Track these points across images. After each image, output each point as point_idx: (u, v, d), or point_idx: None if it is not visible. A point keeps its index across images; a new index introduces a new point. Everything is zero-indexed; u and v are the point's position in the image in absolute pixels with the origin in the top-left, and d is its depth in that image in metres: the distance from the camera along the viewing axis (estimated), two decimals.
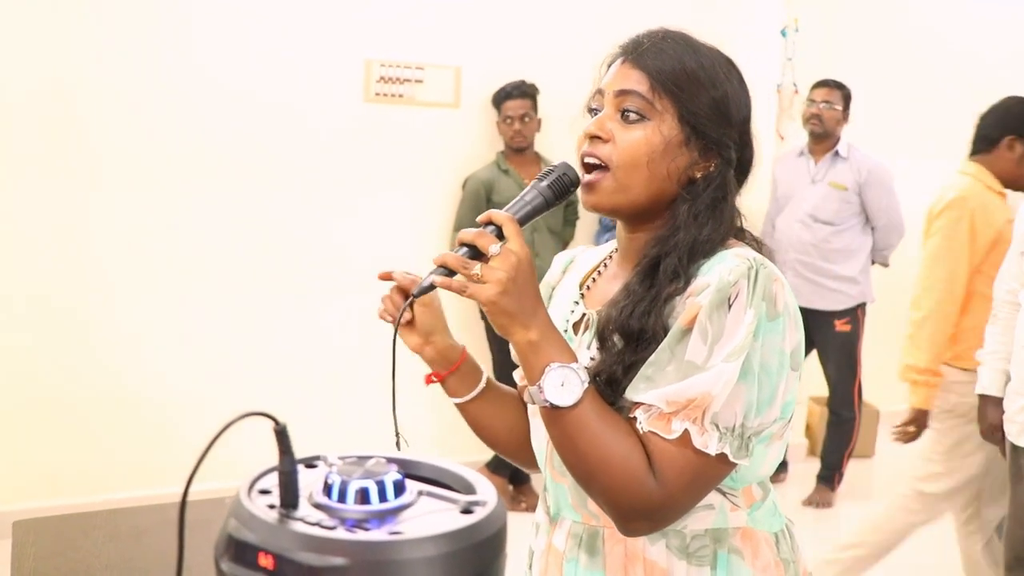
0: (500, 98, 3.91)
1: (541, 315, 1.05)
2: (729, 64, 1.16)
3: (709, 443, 1.01)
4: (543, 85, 4.01)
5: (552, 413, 1.05)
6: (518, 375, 1.34)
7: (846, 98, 4.03)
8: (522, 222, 1.10)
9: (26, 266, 3.39)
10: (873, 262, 4.15)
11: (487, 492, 0.78)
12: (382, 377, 4.27)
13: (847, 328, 4.04)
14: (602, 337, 1.11)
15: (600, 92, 1.16)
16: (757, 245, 1.16)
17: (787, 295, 1.06)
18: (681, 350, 1.03)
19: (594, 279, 1.27)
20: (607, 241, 1.32)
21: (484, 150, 4.05)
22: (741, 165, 1.17)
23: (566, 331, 1.22)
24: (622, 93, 1.12)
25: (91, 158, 3.45)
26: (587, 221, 4.21)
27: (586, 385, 1.04)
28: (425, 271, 1.12)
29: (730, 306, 1.02)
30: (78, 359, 3.49)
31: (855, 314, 4.06)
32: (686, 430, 1.01)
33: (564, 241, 4.05)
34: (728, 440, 1.02)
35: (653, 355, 1.05)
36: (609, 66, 1.17)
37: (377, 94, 3.88)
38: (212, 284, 3.68)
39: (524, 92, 3.88)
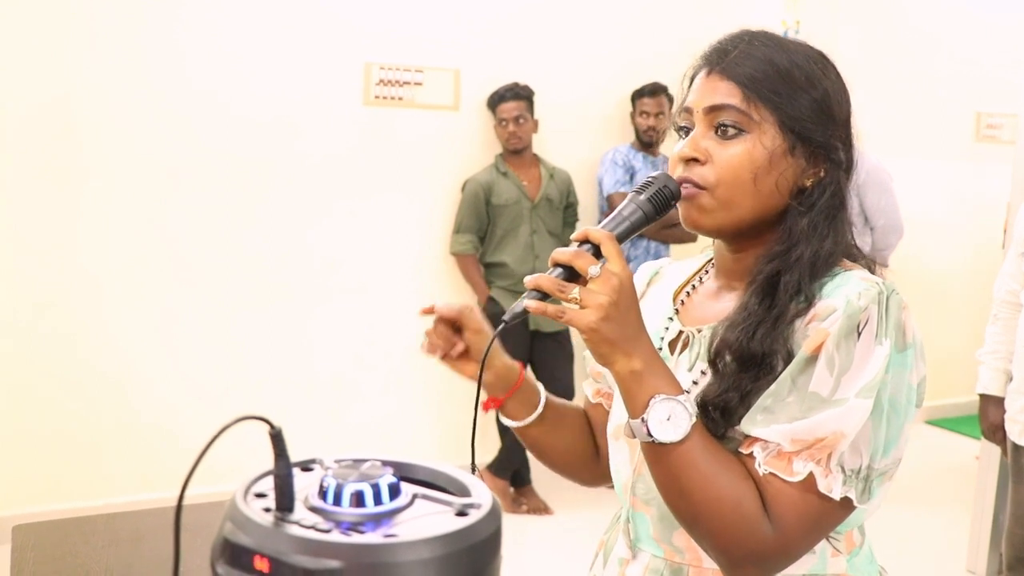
0: (494, 101, 3.92)
1: (645, 342, 0.96)
2: (823, 59, 1.07)
3: (834, 487, 0.93)
4: (542, 87, 4.01)
5: (657, 449, 0.95)
6: (590, 389, 1.28)
7: None
8: (621, 239, 0.99)
9: (25, 274, 3.40)
10: None
11: (482, 494, 0.78)
12: (381, 382, 4.32)
13: None
14: (715, 361, 1.02)
15: (688, 110, 1.06)
16: (871, 266, 1.07)
17: (915, 324, 0.98)
18: (804, 380, 0.94)
19: (688, 294, 1.18)
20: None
21: (483, 152, 4.06)
22: (847, 167, 1.07)
23: (660, 349, 1.13)
24: (714, 109, 1.02)
25: (91, 163, 3.45)
26: (587, 222, 4.21)
27: (694, 419, 0.95)
28: (426, 274, 1.12)
29: (859, 334, 0.94)
30: (77, 364, 3.49)
31: None
32: (811, 473, 0.93)
33: (564, 243, 4.04)
34: (853, 483, 0.94)
35: (774, 385, 0.96)
36: (692, 79, 1.07)
37: (376, 97, 3.88)
38: (210, 289, 3.68)
39: (517, 94, 3.89)
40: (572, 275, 0.95)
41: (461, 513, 0.75)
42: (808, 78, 1.03)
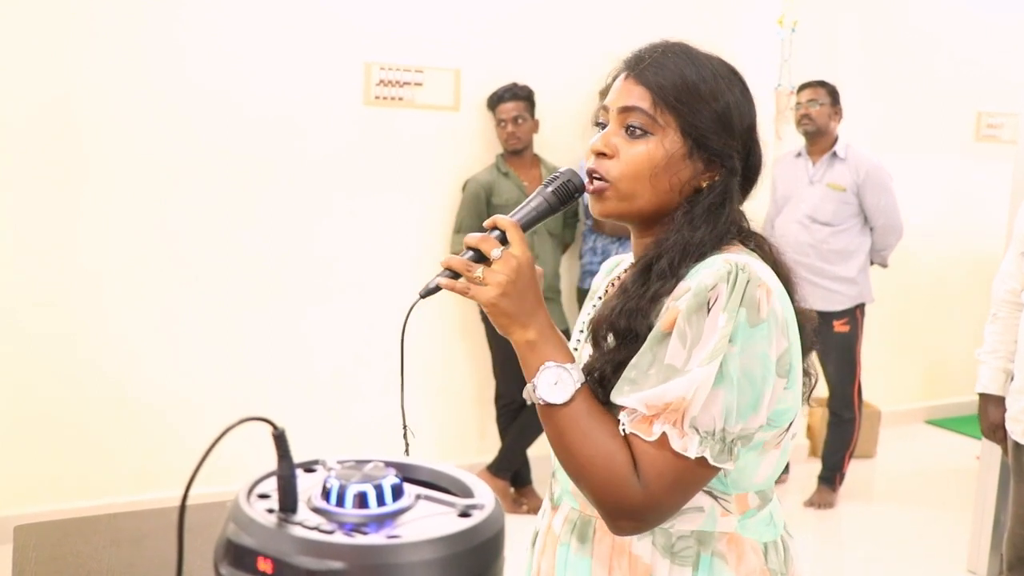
0: (493, 101, 3.92)
1: (540, 316, 1.10)
2: (732, 73, 1.18)
3: (688, 446, 1.03)
4: (542, 87, 4.01)
5: (545, 410, 1.09)
6: None
7: (832, 93, 4.04)
8: (526, 227, 1.14)
9: (25, 274, 3.40)
10: (872, 263, 4.15)
11: (485, 495, 0.79)
12: (381, 381, 4.31)
13: (846, 329, 4.04)
14: (595, 335, 1.15)
15: (605, 108, 1.19)
16: (763, 249, 1.18)
17: (774, 301, 1.07)
18: (661, 353, 1.05)
19: (613, 283, 1.31)
20: (596, 242, 1.36)
21: (484, 152, 4.06)
22: (748, 171, 1.19)
23: (583, 331, 1.26)
24: (625, 110, 1.15)
25: (91, 163, 3.45)
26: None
27: (579, 385, 1.08)
28: (426, 274, 1.14)
29: (708, 310, 1.04)
30: (79, 364, 3.49)
31: (854, 315, 4.06)
32: (664, 433, 1.04)
33: (564, 243, 4.06)
34: (709, 444, 1.04)
35: (635, 358, 1.08)
36: (613, 80, 1.20)
37: (377, 97, 3.88)
38: (210, 289, 3.68)
39: (516, 95, 3.89)
40: (480, 257, 1.10)
41: (464, 514, 0.75)
42: (713, 92, 1.14)
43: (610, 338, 1.13)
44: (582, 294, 4.13)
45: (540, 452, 4.11)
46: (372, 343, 3.97)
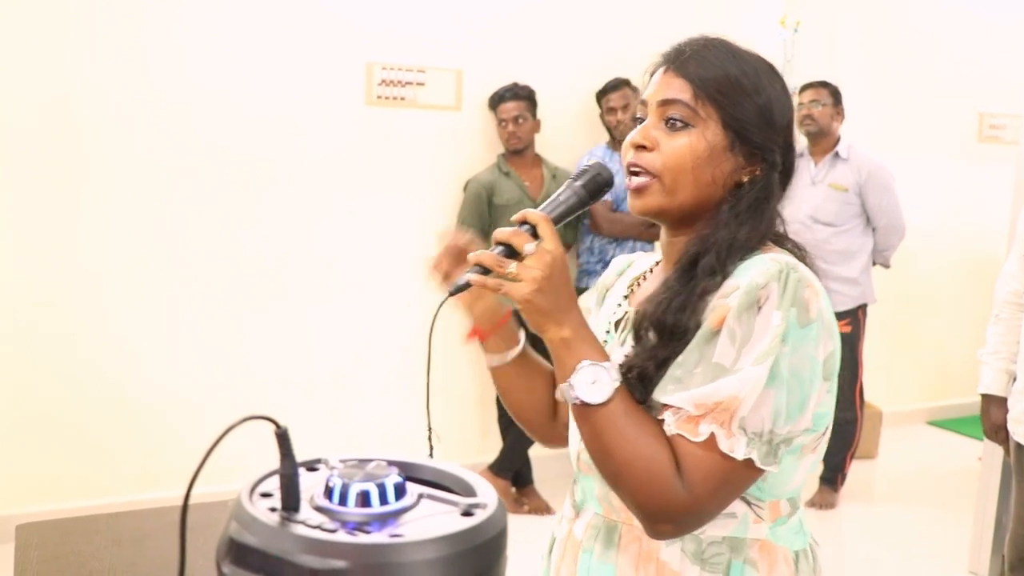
0: (494, 101, 3.92)
1: (574, 314, 1.06)
2: (771, 70, 1.16)
3: (736, 447, 1.00)
4: (543, 87, 4.01)
5: (582, 410, 1.05)
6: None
7: (834, 94, 4.03)
8: (556, 221, 1.10)
9: (25, 274, 3.39)
10: (874, 263, 4.15)
11: (487, 494, 0.78)
12: (381, 381, 4.30)
13: (847, 329, 4.03)
14: (637, 332, 1.11)
15: (644, 102, 1.16)
16: (798, 251, 1.16)
17: (821, 302, 1.05)
18: (709, 351, 1.03)
19: (639, 282, 1.28)
20: (593, 242, 1.34)
21: (485, 152, 4.06)
22: (784, 169, 1.18)
23: (608, 331, 1.24)
24: (665, 102, 1.12)
25: (91, 163, 3.45)
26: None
27: (617, 384, 1.04)
28: (425, 275, 1.13)
29: (759, 309, 1.02)
30: (79, 364, 3.49)
31: (856, 315, 4.06)
32: (712, 433, 1.00)
33: (566, 243, 4.04)
34: (756, 445, 1.01)
35: (681, 356, 1.05)
36: (651, 75, 1.17)
37: (379, 97, 3.88)
38: (211, 288, 3.68)
39: (516, 94, 3.89)
40: (511, 253, 1.05)
41: (467, 513, 0.75)
42: (754, 86, 1.13)
43: (651, 334, 1.09)
44: (578, 294, 4.12)
45: (541, 452, 4.11)
46: (372, 343, 3.97)
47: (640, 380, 1.07)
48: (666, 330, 1.07)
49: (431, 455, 1.10)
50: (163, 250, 3.59)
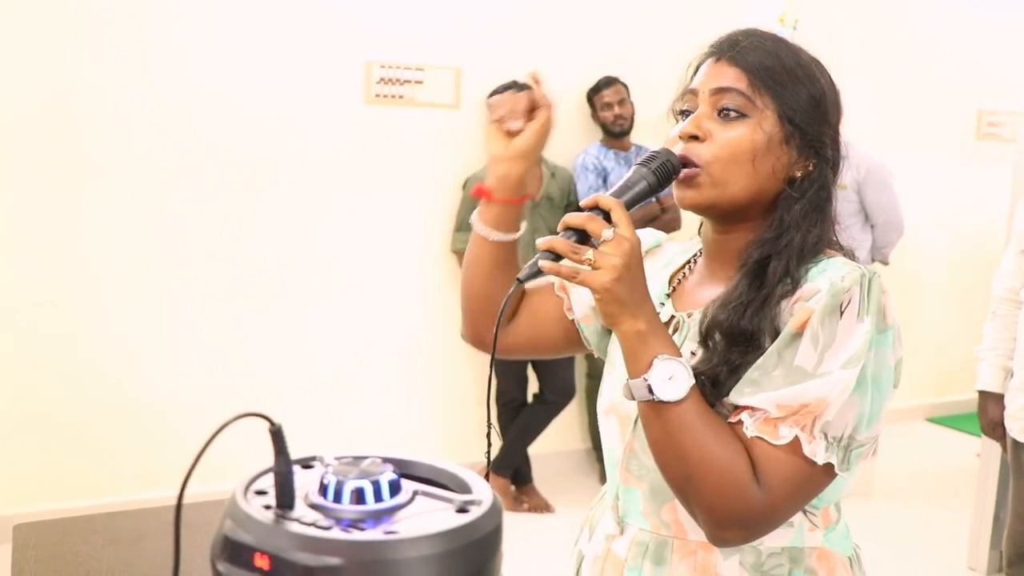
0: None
1: (649, 305, 1.01)
2: (820, 63, 1.13)
3: (817, 451, 0.98)
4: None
5: (655, 408, 0.99)
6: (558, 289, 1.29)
7: None
8: (628, 207, 1.03)
9: (25, 274, 3.40)
10: (872, 260, 4.15)
11: (483, 491, 0.78)
12: (381, 381, 4.30)
13: None
14: (706, 338, 1.06)
15: (692, 92, 1.11)
16: (851, 254, 1.13)
17: (894, 309, 1.03)
18: (790, 355, 0.99)
19: (679, 280, 1.22)
20: None
21: (484, 151, 4.05)
22: (833, 165, 1.14)
23: None
24: (719, 91, 1.07)
25: (91, 163, 3.46)
26: None
27: (693, 381, 0.99)
28: (427, 273, 1.12)
29: (842, 313, 0.99)
30: (77, 364, 3.49)
31: None
32: (796, 436, 0.97)
33: None
34: (834, 450, 0.98)
35: (760, 359, 1.01)
36: (698, 67, 1.13)
37: (377, 95, 3.88)
38: (210, 288, 3.68)
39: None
40: (583, 239, 0.99)
41: (462, 510, 0.75)
42: (809, 76, 1.09)
43: (721, 340, 1.05)
44: None
45: (540, 450, 4.11)
46: (372, 343, 3.97)
47: (712, 385, 1.03)
48: (742, 337, 1.03)
49: (488, 453, 1.06)
50: (163, 250, 3.59)
